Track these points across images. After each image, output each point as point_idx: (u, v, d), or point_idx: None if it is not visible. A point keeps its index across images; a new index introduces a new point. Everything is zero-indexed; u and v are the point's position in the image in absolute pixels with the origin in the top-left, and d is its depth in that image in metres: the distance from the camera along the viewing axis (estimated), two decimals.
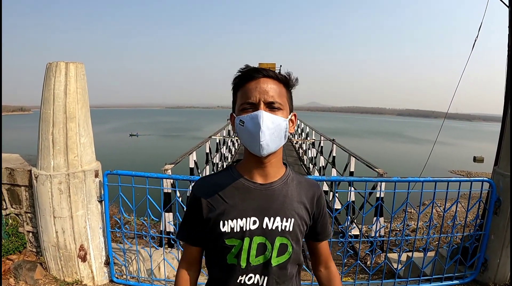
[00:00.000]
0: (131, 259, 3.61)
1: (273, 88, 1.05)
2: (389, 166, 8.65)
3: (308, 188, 1.19)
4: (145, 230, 3.41)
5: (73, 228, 3.11)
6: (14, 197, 3.35)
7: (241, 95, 1.08)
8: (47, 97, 3.01)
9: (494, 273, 3.37)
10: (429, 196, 3.34)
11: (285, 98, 1.09)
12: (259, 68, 1.08)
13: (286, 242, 1.11)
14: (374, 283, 3.45)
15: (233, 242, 1.08)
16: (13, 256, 3.30)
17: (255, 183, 1.12)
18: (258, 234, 1.09)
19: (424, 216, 9.97)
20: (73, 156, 3.09)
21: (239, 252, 1.09)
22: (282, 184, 1.14)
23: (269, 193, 1.11)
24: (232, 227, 1.08)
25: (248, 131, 1.03)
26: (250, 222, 1.08)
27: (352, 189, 3.74)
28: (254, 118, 1.02)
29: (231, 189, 1.12)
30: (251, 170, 1.13)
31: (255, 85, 1.05)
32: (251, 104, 1.04)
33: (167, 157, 7.15)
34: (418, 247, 3.65)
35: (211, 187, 1.14)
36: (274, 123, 1.03)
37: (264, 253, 1.10)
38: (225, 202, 1.10)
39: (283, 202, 1.12)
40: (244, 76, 1.08)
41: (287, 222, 1.10)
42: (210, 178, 1.19)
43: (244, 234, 1.08)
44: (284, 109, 1.07)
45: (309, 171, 12.51)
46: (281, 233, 1.10)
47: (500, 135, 3.73)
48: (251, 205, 1.10)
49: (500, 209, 3.31)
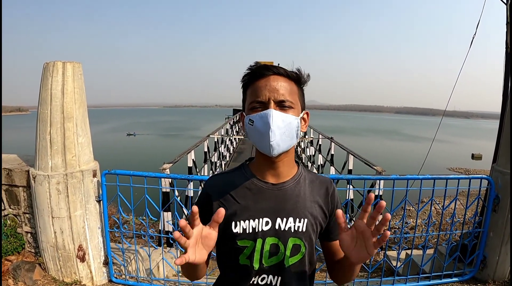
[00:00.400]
0: (130, 258, 3.60)
1: (283, 86, 1.03)
2: (387, 164, 8.67)
3: (320, 186, 1.17)
4: (144, 230, 3.40)
5: (72, 228, 3.10)
6: (12, 198, 3.34)
7: (250, 93, 1.06)
8: (45, 97, 3.00)
9: (493, 270, 3.38)
10: (428, 194, 3.34)
11: (297, 95, 1.06)
12: (269, 65, 1.05)
13: (299, 243, 1.09)
14: (373, 281, 3.45)
15: (245, 243, 1.07)
16: (12, 257, 3.29)
17: (267, 183, 1.10)
18: (271, 235, 1.07)
19: (423, 214, 9.98)
20: (71, 156, 3.08)
21: (251, 253, 1.07)
22: (294, 183, 1.12)
23: (281, 193, 1.10)
24: (244, 228, 1.06)
25: (258, 131, 1.01)
26: (263, 223, 1.07)
27: (351, 187, 3.74)
28: (263, 117, 1.00)
29: (244, 189, 1.10)
30: (263, 169, 1.11)
31: (265, 83, 1.03)
32: (261, 103, 1.02)
33: (165, 156, 7.14)
34: (417, 244, 3.66)
35: (223, 187, 1.12)
36: (284, 121, 1.01)
37: (277, 254, 1.08)
38: (237, 203, 1.08)
39: (296, 202, 1.10)
40: (254, 74, 1.05)
41: (300, 222, 1.08)
42: (223, 177, 1.17)
43: (257, 235, 1.06)
44: (295, 108, 1.05)
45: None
46: (294, 233, 1.08)
47: (498, 132, 3.74)
48: (263, 205, 1.08)
49: (499, 207, 3.32)
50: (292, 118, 1.03)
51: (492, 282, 3.36)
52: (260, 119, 1.01)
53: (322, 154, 11.16)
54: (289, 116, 1.02)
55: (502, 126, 3.62)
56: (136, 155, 33.98)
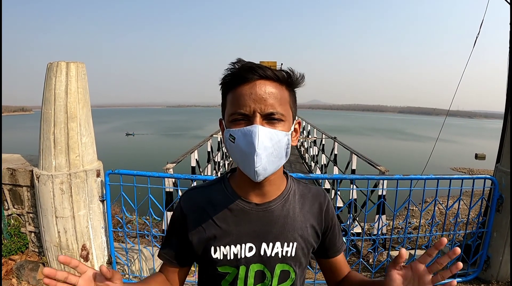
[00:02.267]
0: (133, 258, 3.61)
1: (272, 93, 0.84)
2: (391, 164, 8.65)
3: (313, 201, 1.02)
4: (147, 230, 3.41)
5: (75, 228, 3.11)
6: (16, 198, 3.36)
7: (231, 101, 0.87)
8: (48, 97, 3.01)
9: (497, 271, 3.37)
10: (431, 194, 3.33)
11: (288, 104, 0.88)
12: (254, 65, 0.85)
13: (287, 269, 0.96)
14: None
15: (227, 269, 0.94)
16: (16, 257, 3.31)
17: (250, 203, 0.95)
18: (255, 261, 0.94)
19: (426, 214, 9.95)
20: (75, 155, 3.09)
21: (234, 279, 0.94)
22: (282, 202, 0.97)
23: (267, 214, 0.95)
24: (225, 254, 0.93)
25: (241, 151, 0.84)
26: (246, 248, 0.93)
27: (354, 187, 3.74)
28: (247, 135, 0.82)
29: (224, 210, 0.95)
30: (245, 188, 0.95)
31: (249, 90, 0.83)
32: (244, 115, 0.84)
33: (169, 156, 7.15)
34: (421, 245, 3.65)
35: (201, 204, 0.97)
36: (273, 140, 0.83)
37: (263, 281, 0.95)
38: (216, 226, 0.94)
39: (284, 224, 0.95)
40: (235, 77, 0.86)
41: (289, 246, 0.95)
42: (201, 192, 1.01)
43: (239, 262, 0.93)
44: (286, 120, 0.87)
45: (311, 169, 12.50)
46: (282, 259, 0.95)
47: (502, 132, 3.72)
48: (246, 229, 0.94)
49: (503, 207, 3.31)
50: (282, 135, 0.85)
51: (495, 282, 3.35)
52: (243, 136, 0.83)
53: (325, 154, 11.15)
54: (278, 132, 0.84)
55: (505, 126, 3.61)
56: (139, 155, 34.04)
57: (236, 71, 0.85)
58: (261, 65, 0.86)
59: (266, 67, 0.86)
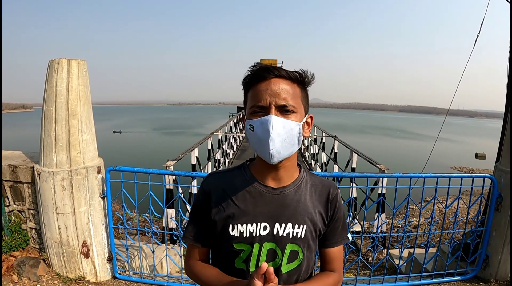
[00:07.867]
0: (133, 255, 3.63)
1: (285, 89, 0.98)
2: (391, 162, 8.65)
3: (322, 191, 1.13)
4: (148, 226, 3.43)
5: (76, 225, 3.13)
6: (17, 194, 3.37)
7: (251, 97, 1.02)
8: (49, 94, 3.02)
9: (496, 270, 3.37)
10: (431, 192, 3.34)
11: (300, 99, 1.02)
12: (270, 66, 1.00)
13: (296, 249, 1.07)
14: (376, 279, 3.45)
15: (242, 246, 1.05)
16: (16, 253, 3.32)
17: (267, 187, 1.07)
18: (269, 240, 1.05)
19: (425, 212, 9.97)
20: (76, 152, 3.10)
21: (248, 257, 1.05)
22: (295, 188, 1.09)
23: (281, 198, 1.07)
24: (242, 231, 1.04)
25: (258, 137, 0.98)
26: (261, 227, 1.05)
27: (354, 185, 3.74)
28: (263, 123, 0.97)
29: (243, 192, 1.07)
30: (263, 173, 1.08)
31: (266, 86, 0.98)
32: (261, 108, 0.98)
33: (169, 154, 7.16)
34: (420, 243, 3.65)
35: (222, 187, 1.09)
36: (285, 128, 0.97)
37: (274, 259, 1.06)
38: (236, 206, 1.06)
39: (296, 207, 1.07)
40: (254, 76, 1.01)
41: (299, 228, 1.06)
42: (222, 176, 1.13)
43: (254, 239, 1.04)
44: (297, 112, 1.00)
45: (311, 167, 12.51)
46: (292, 239, 1.06)
47: (501, 131, 3.72)
48: (262, 210, 1.05)
49: (502, 206, 3.31)
50: (294, 124, 0.99)
51: (494, 281, 3.36)
52: (260, 125, 0.97)
53: (325, 152, 11.16)
54: (290, 122, 0.98)
55: (505, 125, 3.61)
56: (140, 153, 34.05)
57: (255, 71, 1.01)
58: (276, 67, 1.01)
59: (281, 68, 1.01)
